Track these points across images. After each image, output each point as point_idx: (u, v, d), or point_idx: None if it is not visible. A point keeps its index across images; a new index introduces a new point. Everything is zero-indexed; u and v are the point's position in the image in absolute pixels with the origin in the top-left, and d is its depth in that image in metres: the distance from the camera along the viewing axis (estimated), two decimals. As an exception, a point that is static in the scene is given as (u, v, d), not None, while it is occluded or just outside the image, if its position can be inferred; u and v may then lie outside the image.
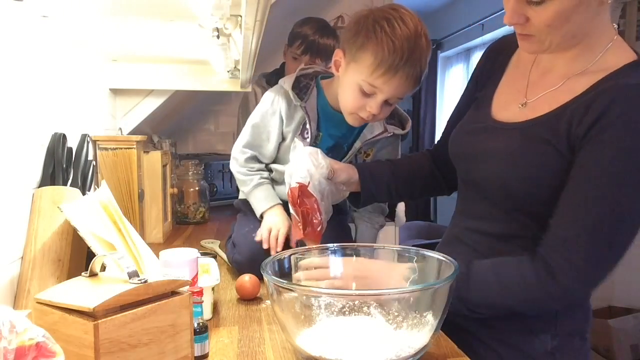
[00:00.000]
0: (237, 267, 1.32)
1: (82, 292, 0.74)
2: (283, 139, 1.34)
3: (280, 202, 1.33)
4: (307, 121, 1.28)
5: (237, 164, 1.39)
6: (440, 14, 5.24)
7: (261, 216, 1.33)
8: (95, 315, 0.68)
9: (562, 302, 0.90)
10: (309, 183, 1.12)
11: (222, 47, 1.33)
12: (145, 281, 0.74)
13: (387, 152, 1.39)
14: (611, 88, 0.83)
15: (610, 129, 0.80)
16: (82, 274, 0.80)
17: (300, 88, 1.30)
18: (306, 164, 1.13)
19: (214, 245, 1.66)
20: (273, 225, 1.27)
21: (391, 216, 2.27)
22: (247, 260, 1.28)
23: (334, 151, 1.34)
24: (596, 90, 0.85)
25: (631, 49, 0.92)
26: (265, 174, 1.38)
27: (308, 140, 1.29)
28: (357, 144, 1.33)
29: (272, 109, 1.32)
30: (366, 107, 1.17)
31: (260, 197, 1.34)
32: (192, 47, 1.53)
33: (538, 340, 0.95)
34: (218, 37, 1.21)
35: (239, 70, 1.70)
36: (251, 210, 1.38)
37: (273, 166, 1.39)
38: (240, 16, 1.04)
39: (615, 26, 0.92)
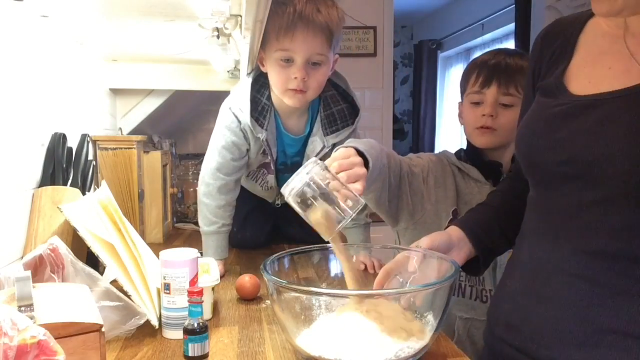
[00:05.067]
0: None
1: None
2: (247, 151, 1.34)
3: (226, 256, 1.34)
4: (268, 148, 1.29)
5: (208, 193, 1.32)
6: (440, 14, 5.24)
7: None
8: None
9: None
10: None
11: (222, 47, 1.33)
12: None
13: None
14: None
15: None
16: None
17: (259, 112, 1.27)
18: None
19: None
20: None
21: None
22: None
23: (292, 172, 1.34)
24: None
25: None
26: (228, 220, 1.35)
27: (269, 158, 1.32)
28: (305, 163, 1.32)
29: (235, 131, 1.29)
30: (291, 76, 1.18)
31: (211, 244, 1.33)
32: (192, 47, 1.53)
33: None
34: (218, 37, 1.21)
35: (239, 70, 1.70)
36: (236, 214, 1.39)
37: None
38: (240, 16, 1.04)
39: None
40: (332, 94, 1.31)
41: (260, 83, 1.29)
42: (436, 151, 5.81)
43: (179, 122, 2.83)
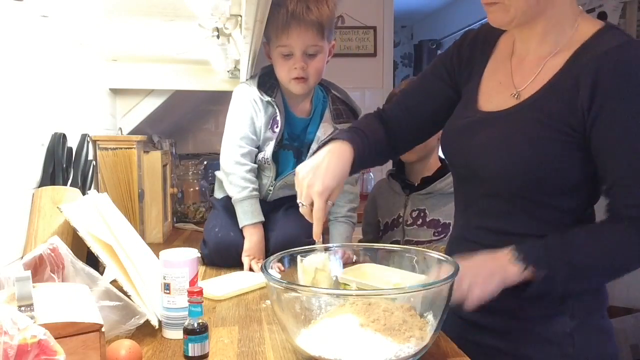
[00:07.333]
0: (206, 260, 1.43)
1: None
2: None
3: (263, 219, 1.41)
4: (277, 113, 1.40)
5: (234, 161, 1.40)
6: (440, 14, 5.24)
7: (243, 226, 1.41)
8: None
9: None
10: None
11: (222, 47, 1.33)
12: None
13: None
14: (592, 60, 0.87)
15: (613, 93, 0.85)
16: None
17: (267, 87, 1.43)
18: None
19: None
20: (250, 253, 1.39)
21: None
22: (213, 252, 1.41)
23: (299, 160, 1.45)
24: (577, 64, 0.89)
25: (596, 19, 0.96)
26: (256, 185, 1.42)
27: (277, 131, 1.41)
28: (314, 146, 1.44)
29: (249, 102, 1.42)
30: (293, 66, 1.36)
31: (247, 209, 1.40)
32: (192, 47, 1.53)
33: (556, 323, 0.96)
34: (218, 37, 1.21)
35: (239, 70, 1.70)
36: (223, 208, 1.48)
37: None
38: (240, 16, 1.04)
39: (581, 8, 0.96)
40: (336, 96, 1.50)
41: (268, 72, 1.46)
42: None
43: (179, 122, 2.83)
